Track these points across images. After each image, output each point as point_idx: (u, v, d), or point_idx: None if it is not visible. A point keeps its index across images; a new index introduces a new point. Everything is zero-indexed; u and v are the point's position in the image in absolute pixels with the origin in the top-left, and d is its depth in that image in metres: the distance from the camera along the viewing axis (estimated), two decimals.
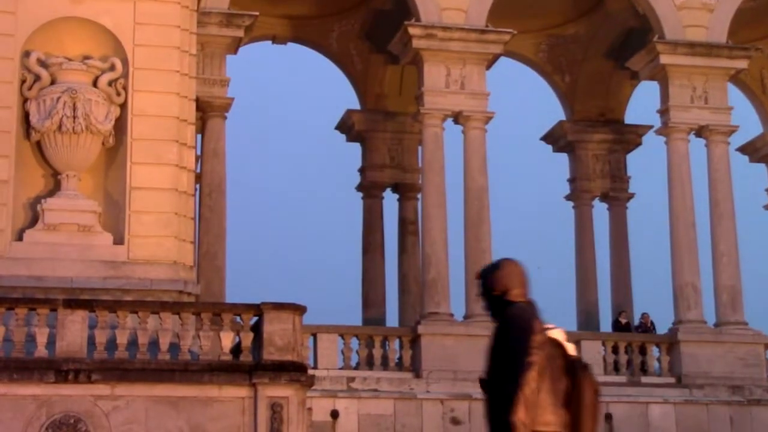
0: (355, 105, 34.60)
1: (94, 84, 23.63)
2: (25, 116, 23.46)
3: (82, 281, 22.55)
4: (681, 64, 29.40)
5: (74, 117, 23.17)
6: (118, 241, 23.17)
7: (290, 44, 34.68)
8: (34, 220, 23.22)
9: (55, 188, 23.51)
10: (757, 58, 30.90)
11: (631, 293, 33.33)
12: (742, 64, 29.79)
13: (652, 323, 30.50)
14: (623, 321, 30.89)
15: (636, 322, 31.42)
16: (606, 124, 34.47)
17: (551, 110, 35.31)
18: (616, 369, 28.42)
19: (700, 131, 29.71)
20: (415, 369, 27.19)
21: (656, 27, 29.67)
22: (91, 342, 20.58)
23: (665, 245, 29.51)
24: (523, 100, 44.24)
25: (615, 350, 28.58)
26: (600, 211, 34.41)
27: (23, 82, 23.51)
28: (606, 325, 32.38)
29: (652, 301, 31.78)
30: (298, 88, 55.66)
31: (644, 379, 28.40)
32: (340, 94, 35.42)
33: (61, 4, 23.74)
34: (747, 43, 30.67)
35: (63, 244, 22.95)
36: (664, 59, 29.30)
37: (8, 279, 22.31)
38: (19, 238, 22.99)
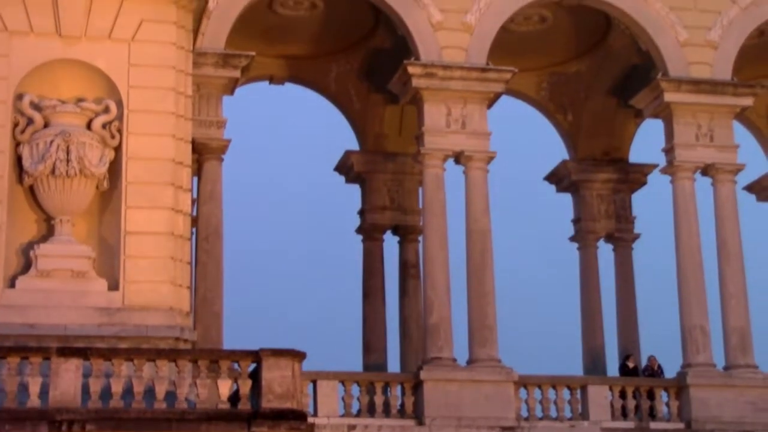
0: (355, 146, 34.30)
1: (88, 126, 23.52)
2: (18, 160, 23.35)
3: (76, 328, 22.30)
4: (685, 101, 29.14)
5: (68, 160, 23.01)
6: (113, 286, 22.93)
7: (288, 84, 34.45)
8: (27, 266, 23.01)
9: (48, 233, 23.36)
10: (763, 95, 30.73)
11: (638, 336, 32.88)
12: (748, 101, 29.52)
13: (659, 366, 30.00)
14: (631, 365, 30.40)
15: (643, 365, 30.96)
16: (610, 164, 34.15)
17: (554, 149, 35.01)
18: (624, 414, 27.96)
19: (706, 170, 29.38)
20: (418, 416, 26.74)
21: (660, 64, 29.43)
22: (86, 391, 20.51)
23: (672, 286, 29.10)
24: (526, 139, 44.01)
25: (623, 395, 28.12)
26: (605, 252, 34.04)
27: (16, 125, 23.41)
28: (613, 368, 31.92)
29: (660, 343, 31.29)
30: (296, 129, 55.53)
31: (653, 425, 27.93)
32: (339, 135, 35.16)
33: (54, 46, 23.67)
34: (752, 80, 30.47)
35: (56, 291, 22.73)
36: (668, 97, 29.05)
37: (0, 327, 21.96)
38: (12, 285, 22.81)
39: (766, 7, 29.88)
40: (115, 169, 23.45)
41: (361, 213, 33.88)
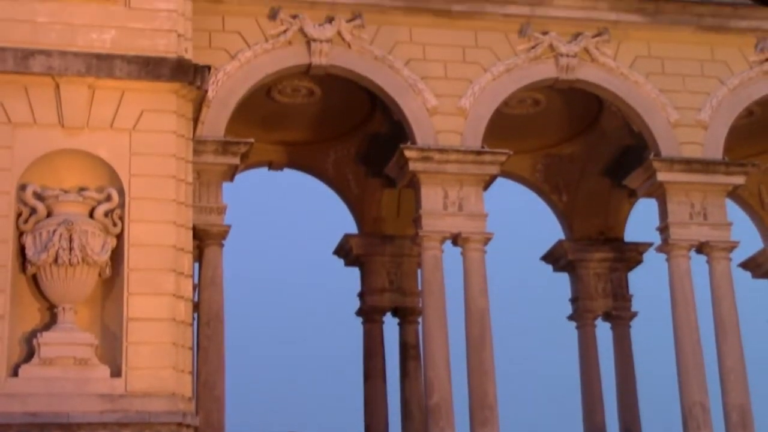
0: (353, 229, 34.56)
1: (91, 215, 23.65)
2: (21, 249, 23.44)
3: (79, 416, 22.25)
4: (678, 180, 29.38)
5: (70, 249, 23.16)
6: (116, 373, 22.93)
7: (287, 170, 34.80)
8: (29, 355, 23.02)
9: (51, 321, 23.38)
10: (755, 173, 30.88)
11: (639, 413, 32.83)
12: (740, 179, 29.78)
13: None
14: None
15: None
16: (606, 243, 34.41)
17: (550, 230, 35.27)
18: None
19: (700, 248, 29.56)
20: None
21: (652, 144, 29.77)
22: None
23: (671, 363, 29.10)
24: (522, 220, 44.28)
25: None
26: (603, 330, 34.14)
27: (19, 215, 23.52)
28: None
29: (661, 421, 31.26)
30: (295, 214, 55.82)
31: None
32: (338, 219, 35.42)
33: (56, 136, 23.86)
34: (744, 158, 30.78)
35: (59, 379, 22.72)
36: (661, 176, 29.30)
37: (3, 416, 21.99)
38: (15, 373, 22.76)
39: (754, 88, 30.35)
40: (117, 257, 23.61)
41: (361, 295, 34.03)
